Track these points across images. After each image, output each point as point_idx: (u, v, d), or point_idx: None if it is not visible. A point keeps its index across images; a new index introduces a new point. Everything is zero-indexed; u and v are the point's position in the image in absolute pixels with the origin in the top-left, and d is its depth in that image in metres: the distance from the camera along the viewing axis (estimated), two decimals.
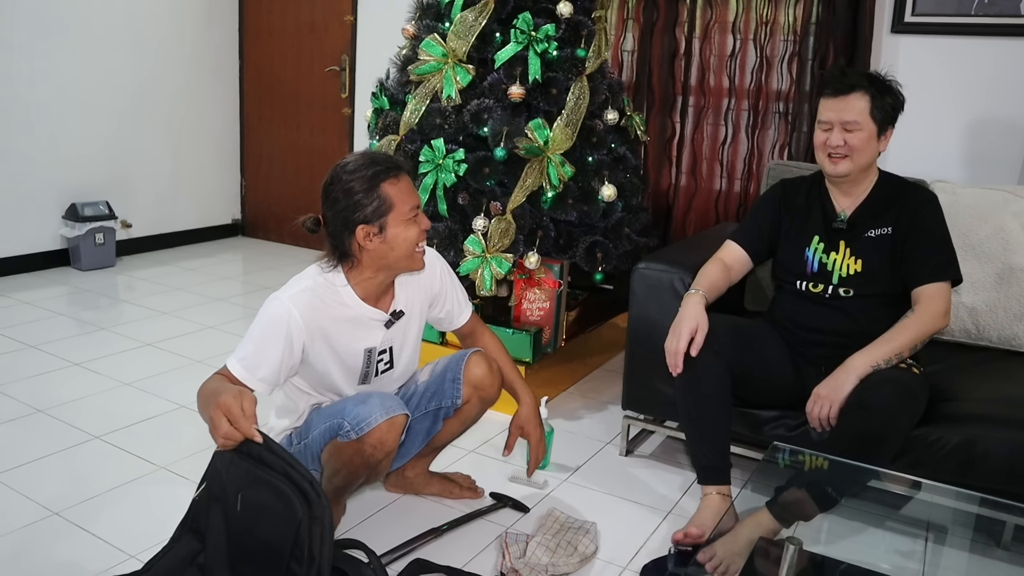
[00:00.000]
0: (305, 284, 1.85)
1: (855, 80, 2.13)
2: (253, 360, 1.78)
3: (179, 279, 4.39)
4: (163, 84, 4.84)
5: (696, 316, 2.14)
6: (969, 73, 3.16)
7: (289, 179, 5.26)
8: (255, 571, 1.50)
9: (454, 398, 2.08)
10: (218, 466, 1.59)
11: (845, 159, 2.14)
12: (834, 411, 2.02)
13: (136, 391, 2.91)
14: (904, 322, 2.10)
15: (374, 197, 1.80)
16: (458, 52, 2.79)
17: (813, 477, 2.06)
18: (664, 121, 3.69)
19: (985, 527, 2.09)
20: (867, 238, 2.19)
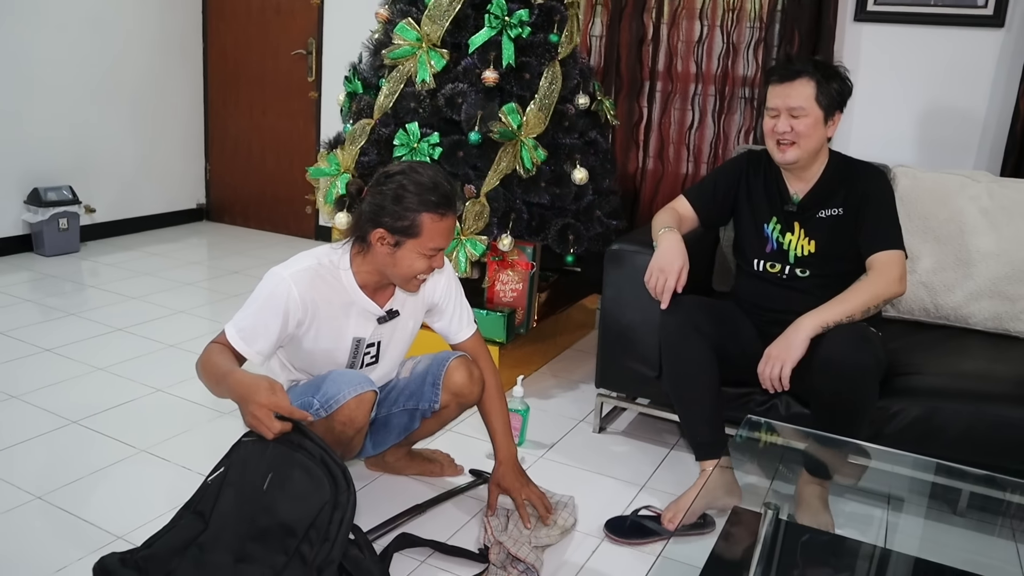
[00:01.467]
0: (308, 263, 1.87)
1: (800, 66, 2.17)
2: (251, 333, 1.81)
3: (145, 264, 4.35)
4: (126, 67, 4.77)
5: (682, 252, 2.22)
6: (928, 61, 3.26)
7: (255, 163, 5.23)
8: (262, 549, 1.54)
9: (432, 402, 2.08)
10: (241, 455, 1.65)
11: (793, 146, 2.17)
12: (786, 371, 2.07)
13: (110, 376, 2.90)
14: (857, 285, 2.16)
15: (411, 218, 1.79)
16: (432, 36, 2.81)
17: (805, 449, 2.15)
18: (632, 105, 3.75)
19: (942, 495, 2.20)
20: (819, 219, 2.25)
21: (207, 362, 1.79)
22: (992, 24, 3.14)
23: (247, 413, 1.64)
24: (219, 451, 2.36)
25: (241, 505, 1.59)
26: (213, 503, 1.61)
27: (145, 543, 1.63)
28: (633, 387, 2.61)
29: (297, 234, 5.17)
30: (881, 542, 2.04)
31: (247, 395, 1.64)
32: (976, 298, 2.58)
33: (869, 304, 2.12)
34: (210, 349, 1.82)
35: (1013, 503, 2.05)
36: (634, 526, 2.14)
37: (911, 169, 2.74)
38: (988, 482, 2.02)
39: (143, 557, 1.57)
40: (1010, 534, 2.13)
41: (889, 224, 2.20)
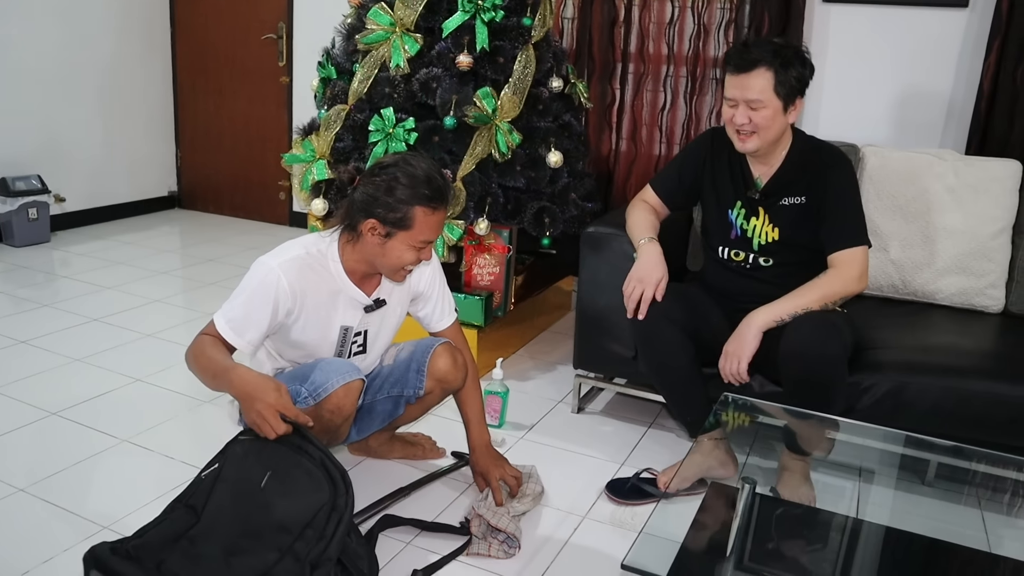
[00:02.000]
0: (296, 252, 1.88)
1: (758, 55, 2.08)
2: (242, 323, 1.82)
3: (118, 253, 4.32)
4: (93, 53, 4.70)
5: (661, 265, 2.23)
6: (896, 41, 3.31)
7: (226, 149, 5.18)
8: (254, 545, 1.56)
9: (416, 389, 2.11)
10: (238, 451, 1.67)
11: (753, 136, 2.14)
12: (742, 366, 2.12)
13: (88, 366, 2.89)
14: (814, 281, 2.16)
15: (403, 210, 1.81)
16: (406, 21, 2.81)
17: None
18: (604, 88, 3.77)
19: (912, 466, 2.27)
20: (782, 206, 2.24)
21: (200, 355, 1.79)
22: (957, 4, 3.19)
23: (252, 411, 1.65)
24: (201, 440, 2.41)
25: (236, 502, 1.61)
26: (206, 498, 1.63)
27: (136, 533, 1.64)
28: (610, 367, 2.65)
29: (271, 220, 5.15)
30: (854, 513, 2.11)
31: (254, 394, 1.65)
32: (943, 274, 2.65)
33: (825, 300, 2.12)
34: (201, 341, 1.82)
35: (978, 473, 2.12)
36: (633, 488, 2.22)
37: (879, 148, 2.79)
38: (955, 453, 2.09)
39: (134, 546, 1.58)
40: (976, 502, 2.21)
41: (852, 219, 2.18)
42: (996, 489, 2.16)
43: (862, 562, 1.78)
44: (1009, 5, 3.02)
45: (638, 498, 2.22)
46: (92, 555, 1.58)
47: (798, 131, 2.28)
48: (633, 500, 2.21)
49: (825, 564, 1.74)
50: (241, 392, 1.68)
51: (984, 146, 3.14)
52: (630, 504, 2.20)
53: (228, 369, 1.73)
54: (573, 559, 1.98)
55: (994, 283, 2.63)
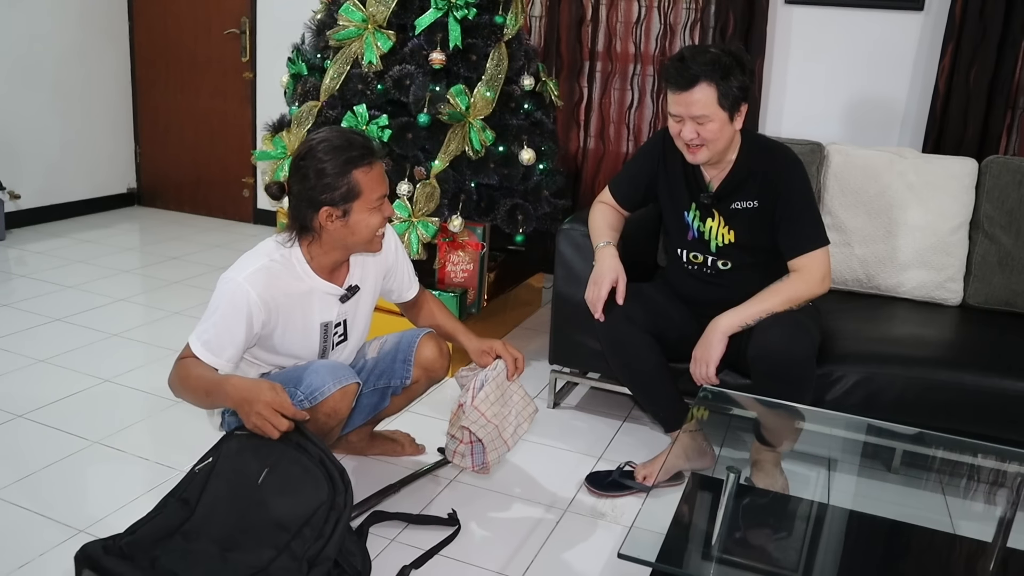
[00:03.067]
0: (261, 263, 1.84)
1: (697, 70, 2.04)
2: (217, 343, 1.79)
3: (77, 252, 4.23)
4: (48, 46, 4.58)
5: (615, 267, 2.25)
6: (855, 42, 3.40)
7: (188, 145, 5.10)
8: (251, 542, 1.56)
9: (403, 378, 2.12)
10: (233, 447, 1.67)
11: (702, 148, 2.12)
12: (711, 370, 2.14)
13: (54, 367, 2.84)
14: (777, 285, 2.18)
15: (344, 182, 1.79)
16: (378, 17, 2.81)
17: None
18: (572, 86, 3.81)
19: (878, 454, 2.34)
20: (735, 209, 2.22)
21: (187, 377, 1.77)
22: (912, 8, 3.29)
23: (251, 414, 1.63)
24: (175, 441, 2.39)
25: (231, 497, 1.60)
26: (200, 492, 1.62)
27: (128, 529, 1.63)
28: (585, 362, 2.68)
29: (234, 218, 5.08)
30: (825, 499, 2.18)
31: (251, 397, 1.64)
32: (904, 268, 2.73)
33: (789, 304, 2.13)
34: (183, 365, 1.80)
35: (940, 459, 2.20)
36: (613, 482, 2.27)
37: (843, 147, 2.87)
38: (918, 440, 2.16)
39: (127, 543, 1.56)
40: (939, 487, 2.29)
41: (808, 222, 2.17)
42: (958, 474, 2.26)
43: (836, 545, 1.84)
44: (962, 9, 3.12)
45: (617, 491, 2.25)
46: (84, 554, 1.56)
47: (747, 132, 2.23)
48: (613, 492, 2.24)
49: (802, 549, 1.79)
50: (237, 399, 1.67)
51: (940, 144, 3.24)
52: (610, 496, 2.24)
53: (220, 382, 1.72)
54: (557, 551, 2.00)
55: (953, 276, 2.73)
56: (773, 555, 1.72)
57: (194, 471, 1.68)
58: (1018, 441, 2.08)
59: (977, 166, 2.77)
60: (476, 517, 2.12)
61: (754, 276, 2.25)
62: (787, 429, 2.24)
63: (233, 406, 1.69)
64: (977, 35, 3.11)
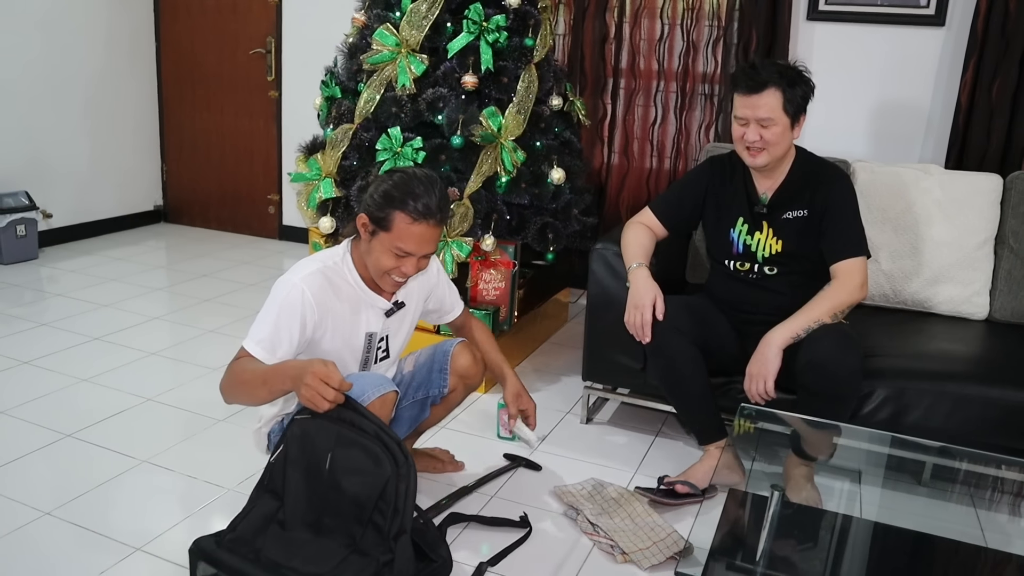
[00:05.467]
0: (315, 266, 1.92)
1: (766, 76, 2.20)
2: (273, 342, 1.85)
3: (108, 270, 4.30)
4: (78, 68, 4.68)
5: (652, 287, 2.32)
6: (876, 58, 3.45)
7: (213, 163, 5.18)
8: (338, 522, 1.67)
9: (441, 387, 2.19)
10: (297, 432, 1.74)
11: (763, 152, 2.25)
12: (769, 385, 2.20)
13: (97, 386, 2.90)
14: (821, 294, 2.27)
15: (387, 212, 1.86)
16: (411, 42, 2.87)
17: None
18: (596, 103, 3.86)
19: (909, 467, 2.38)
20: (785, 219, 2.35)
21: (242, 372, 1.82)
22: (934, 23, 3.34)
23: (302, 387, 1.67)
24: (221, 459, 2.45)
25: (308, 482, 1.70)
26: (283, 481, 1.72)
27: (230, 526, 1.74)
28: (618, 379, 2.73)
29: (260, 234, 5.16)
30: (858, 513, 2.22)
31: (301, 371, 1.68)
32: (932, 284, 2.77)
33: (834, 311, 2.22)
34: (238, 363, 1.85)
35: (971, 473, 2.24)
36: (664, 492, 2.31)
37: (869, 164, 2.91)
38: (948, 454, 2.20)
39: (230, 540, 1.68)
40: (969, 501, 2.33)
41: (851, 230, 2.29)
42: (990, 488, 2.29)
43: (878, 560, 1.87)
44: (984, 25, 3.16)
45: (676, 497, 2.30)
46: (198, 547, 1.69)
47: (800, 148, 2.40)
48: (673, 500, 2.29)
49: (843, 564, 1.83)
50: (292, 377, 1.71)
51: (963, 159, 3.29)
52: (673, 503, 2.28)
53: (276, 366, 1.78)
54: (599, 567, 2.05)
55: (979, 291, 2.77)
56: (816, 571, 1.77)
57: (271, 462, 1.77)
58: None
59: (1002, 182, 2.81)
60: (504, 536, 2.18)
61: (799, 281, 2.35)
62: (826, 442, 2.29)
63: (291, 385, 1.72)
64: (999, 50, 3.16)
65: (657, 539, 2.12)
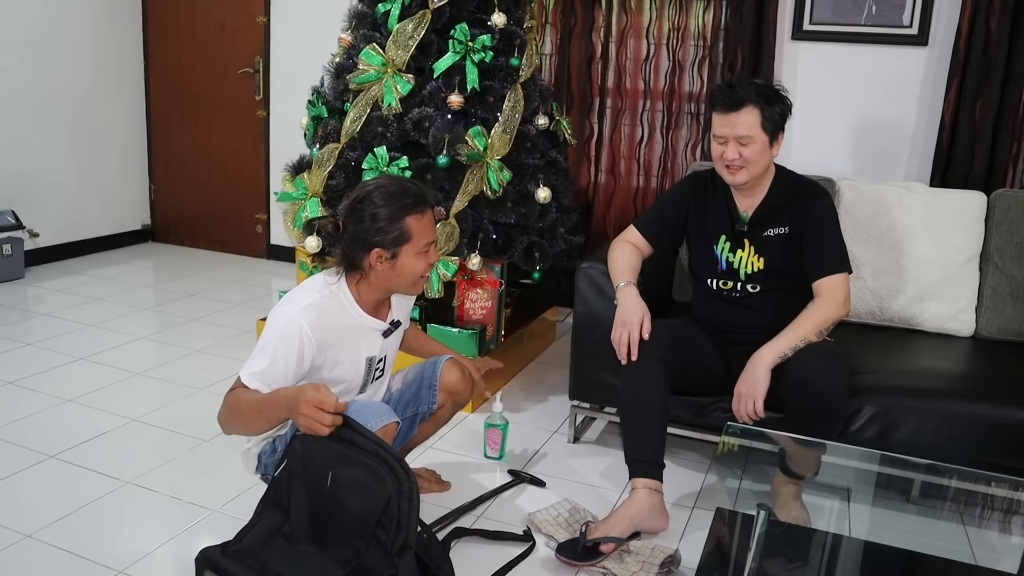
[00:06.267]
0: (312, 298, 1.92)
1: (744, 94, 2.21)
2: (269, 375, 1.84)
3: (95, 289, 4.28)
4: (65, 86, 4.68)
5: (640, 306, 2.32)
6: (861, 77, 3.48)
7: (201, 182, 5.18)
8: (342, 538, 1.68)
9: (430, 404, 2.19)
10: (298, 448, 1.75)
11: (742, 170, 2.26)
12: (758, 405, 2.19)
13: (82, 407, 2.88)
14: (806, 312, 2.28)
15: (396, 227, 1.88)
16: (397, 62, 2.88)
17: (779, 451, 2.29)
18: (583, 122, 3.88)
19: (897, 485, 2.38)
20: (767, 237, 2.35)
21: (239, 402, 1.82)
22: (917, 43, 3.37)
23: (299, 417, 1.67)
24: (207, 480, 2.43)
25: (311, 498, 1.71)
26: (288, 495, 1.73)
27: (236, 537, 1.75)
28: (605, 398, 2.72)
29: (248, 253, 5.14)
30: (846, 531, 2.21)
31: (295, 400, 1.68)
32: (917, 301, 2.78)
33: (819, 328, 2.23)
34: (235, 394, 1.84)
35: (960, 490, 2.24)
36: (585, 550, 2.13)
37: (853, 182, 2.93)
38: (936, 471, 2.20)
39: (236, 551, 1.70)
40: (959, 518, 2.33)
41: (833, 247, 2.30)
42: (979, 505, 2.29)
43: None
44: (967, 45, 3.20)
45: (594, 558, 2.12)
46: (204, 556, 1.71)
47: (779, 166, 2.41)
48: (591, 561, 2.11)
49: None
50: (287, 406, 1.71)
51: (947, 177, 3.31)
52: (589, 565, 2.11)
53: (271, 396, 1.77)
54: None
55: (965, 308, 2.78)
56: None
57: (276, 476, 1.79)
58: None
59: (986, 199, 2.82)
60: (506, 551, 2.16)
61: (781, 298, 2.36)
62: (813, 460, 2.28)
63: (287, 414, 1.73)
64: (982, 70, 3.19)
65: (644, 558, 2.11)
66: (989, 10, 3.12)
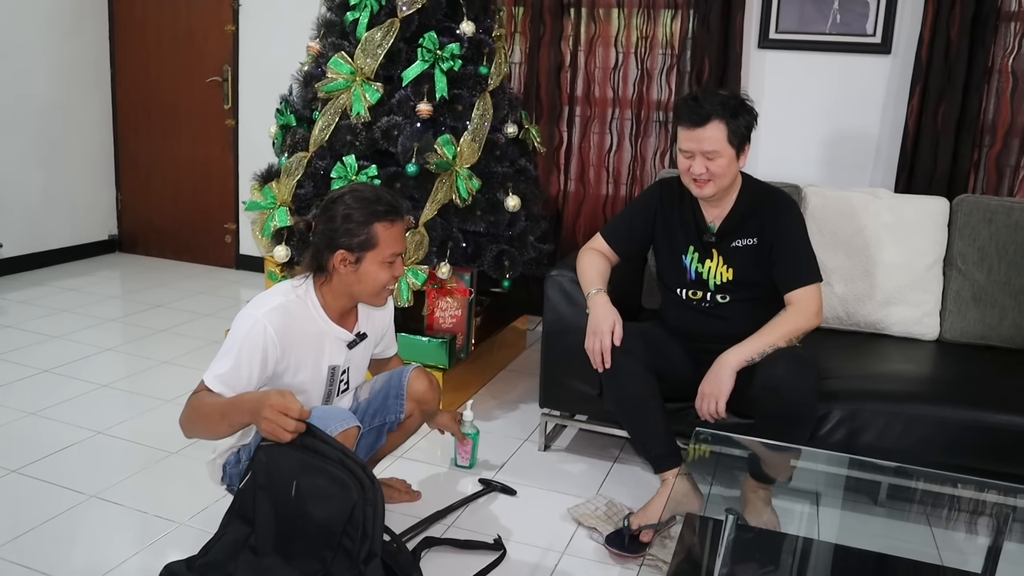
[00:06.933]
0: (278, 301, 1.91)
1: (709, 108, 2.19)
2: (232, 377, 1.82)
3: (60, 300, 4.22)
4: (30, 95, 4.61)
5: (611, 312, 2.31)
6: (826, 85, 3.53)
7: (169, 192, 5.12)
8: (307, 548, 1.66)
9: (398, 413, 2.18)
10: (263, 458, 1.73)
11: (709, 183, 2.25)
12: (720, 405, 2.21)
13: (45, 420, 2.83)
14: (778, 319, 2.28)
15: (364, 231, 1.88)
16: (366, 70, 2.87)
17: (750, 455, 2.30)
18: (552, 130, 3.90)
19: (865, 488, 2.40)
20: (735, 248, 2.36)
21: (201, 406, 1.80)
22: (881, 51, 3.42)
23: (262, 421, 1.67)
24: (171, 492, 2.40)
25: (276, 509, 1.70)
26: (253, 507, 1.71)
27: (202, 551, 1.74)
28: (575, 405, 2.72)
29: (217, 263, 5.09)
30: (815, 535, 2.23)
31: (259, 404, 1.68)
32: (884, 306, 2.82)
33: (789, 337, 2.24)
34: (197, 397, 1.83)
35: (926, 492, 2.26)
36: (633, 541, 2.22)
37: (819, 188, 2.96)
38: (902, 474, 2.23)
39: (201, 565, 1.68)
40: (925, 519, 2.36)
41: (803, 258, 2.31)
42: (945, 506, 2.32)
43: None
44: (928, 53, 3.25)
45: (640, 549, 2.21)
46: (169, 571, 1.70)
47: (746, 175, 2.41)
48: (639, 553, 2.20)
49: None
50: (250, 410, 1.70)
51: (912, 182, 3.36)
52: (639, 557, 2.20)
53: (233, 400, 1.76)
54: None
55: (929, 312, 2.82)
56: None
57: (241, 488, 1.76)
58: (998, 472, 2.14)
59: (948, 205, 2.87)
60: (477, 560, 2.15)
61: (751, 309, 2.36)
62: (783, 465, 2.30)
63: (250, 418, 1.72)
64: (943, 77, 3.24)
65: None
66: (949, 19, 3.18)
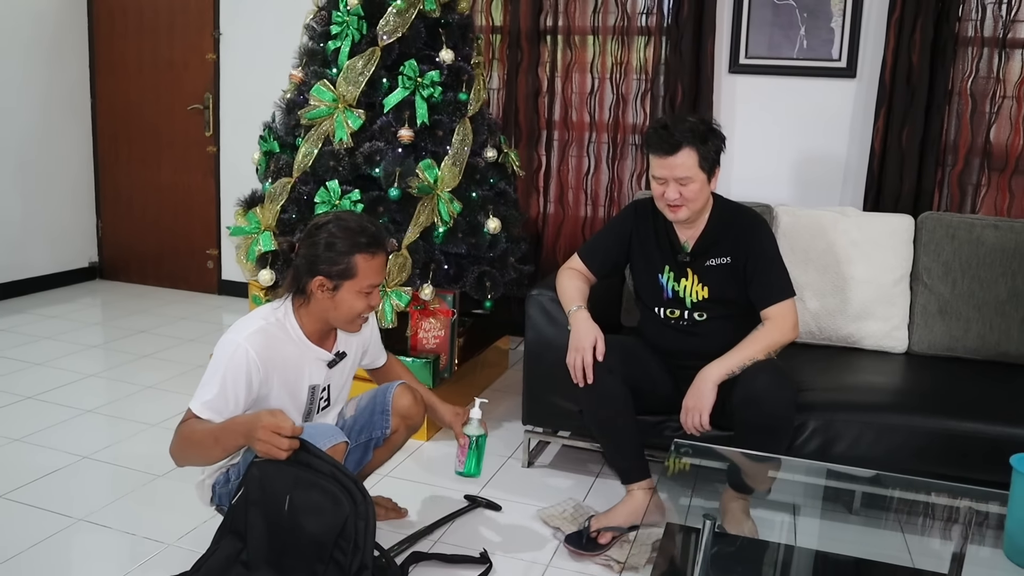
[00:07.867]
0: (258, 324, 1.95)
1: (680, 136, 2.25)
2: (219, 403, 1.86)
3: (42, 328, 4.22)
4: (10, 122, 4.63)
5: (592, 328, 2.38)
6: (795, 108, 3.64)
7: (151, 219, 5.15)
8: (299, 561, 1.70)
9: (383, 429, 2.22)
10: (256, 474, 1.76)
11: (682, 207, 2.32)
12: (704, 418, 2.28)
13: (30, 446, 2.84)
14: (755, 334, 2.37)
15: (345, 261, 1.92)
16: (348, 97, 2.94)
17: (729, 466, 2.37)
18: (531, 154, 3.98)
19: (839, 496, 2.47)
20: (709, 266, 2.43)
21: (192, 433, 1.83)
22: (846, 75, 3.54)
23: (256, 442, 1.70)
24: (159, 513, 2.42)
25: (269, 523, 1.73)
26: (245, 522, 1.74)
27: (194, 567, 1.76)
28: (558, 422, 2.78)
29: (199, 289, 5.11)
30: (793, 541, 2.29)
31: (252, 426, 1.71)
32: (855, 320, 2.91)
33: (768, 350, 2.32)
34: (187, 425, 1.86)
35: (898, 499, 2.34)
36: (591, 542, 2.32)
37: (790, 208, 3.06)
38: (876, 482, 2.30)
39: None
40: (898, 526, 2.42)
41: (776, 276, 2.39)
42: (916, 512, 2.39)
43: None
44: (891, 76, 3.37)
45: (597, 549, 2.30)
46: None
47: (717, 196, 2.48)
48: (596, 551, 2.29)
49: None
50: (244, 432, 1.74)
51: (879, 201, 3.47)
52: (595, 555, 2.28)
53: (225, 424, 1.80)
54: None
55: (898, 326, 2.91)
56: None
57: (233, 504, 1.79)
58: (966, 478, 2.22)
59: (914, 222, 2.97)
60: (464, 574, 2.19)
61: (728, 325, 2.43)
62: (762, 475, 2.37)
63: (243, 440, 1.76)
64: (906, 99, 3.36)
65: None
66: (911, 44, 3.31)
